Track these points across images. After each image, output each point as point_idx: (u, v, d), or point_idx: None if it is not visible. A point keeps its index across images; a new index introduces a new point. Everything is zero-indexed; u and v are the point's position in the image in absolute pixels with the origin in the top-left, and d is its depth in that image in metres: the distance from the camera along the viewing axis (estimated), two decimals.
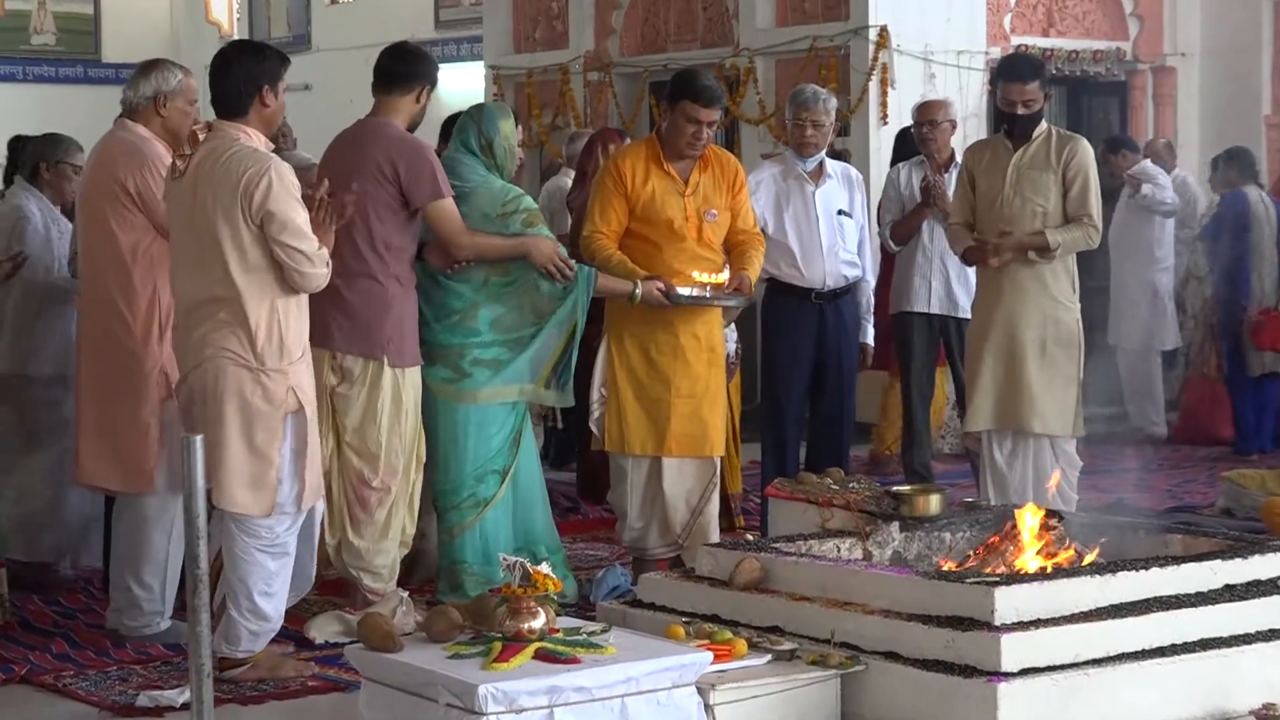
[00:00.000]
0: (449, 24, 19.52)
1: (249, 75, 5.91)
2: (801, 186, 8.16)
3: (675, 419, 7.26)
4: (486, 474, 6.91)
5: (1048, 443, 7.50)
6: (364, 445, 6.64)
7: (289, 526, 5.93)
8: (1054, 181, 7.46)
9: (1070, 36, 13.46)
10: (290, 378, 5.85)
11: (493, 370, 6.88)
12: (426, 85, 6.80)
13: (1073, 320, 7.52)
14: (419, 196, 6.61)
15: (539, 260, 6.79)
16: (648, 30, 14.05)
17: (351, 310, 6.58)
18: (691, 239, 7.24)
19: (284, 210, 5.74)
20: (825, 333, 8.14)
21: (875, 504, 6.43)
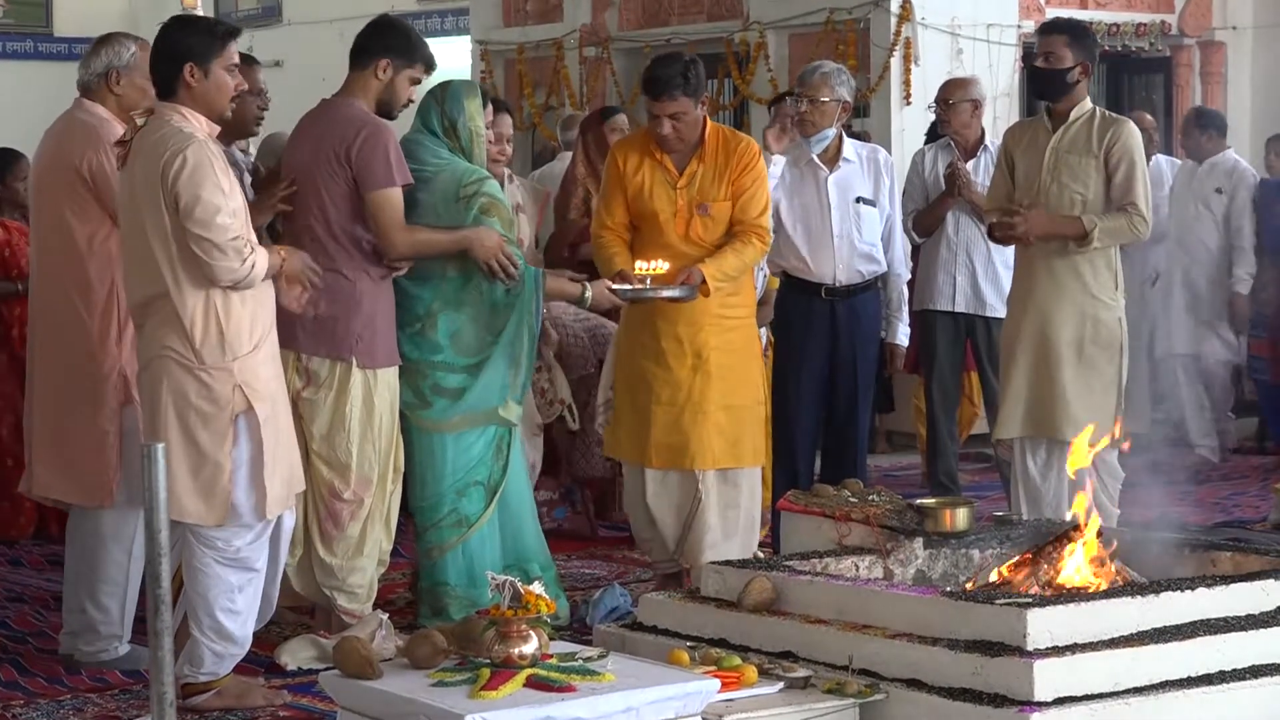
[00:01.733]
0: None
1: (172, 53, 5.93)
2: (814, 172, 8.16)
3: (655, 429, 7.28)
4: (468, 486, 6.91)
5: None
6: (333, 454, 6.63)
7: (251, 540, 5.94)
8: (1095, 167, 7.44)
9: (1111, 9, 13.47)
10: (236, 375, 5.85)
11: (451, 400, 6.89)
12: (388, 59, 6.70)
13: (1114, 319, 7.50)
14: (368, 182, 6.55)
15: (480, 254, 6.71)
16: (649, 2, 14.07)
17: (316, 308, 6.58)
18: (676, 235, 7.23)
19: (191, 194, 5.75)
20: (839, 332, 8.11)
21: (897, 518, 6.44)
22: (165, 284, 5.81)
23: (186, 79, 5.88)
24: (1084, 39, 7.56)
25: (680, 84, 7.16)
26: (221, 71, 5.93)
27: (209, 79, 5.91)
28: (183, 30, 6.00)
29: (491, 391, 6.91)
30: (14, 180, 9.15)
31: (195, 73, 5.88)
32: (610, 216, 7.31)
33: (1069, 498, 7.35)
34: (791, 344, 8.21)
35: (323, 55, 13.74)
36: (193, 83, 5.89)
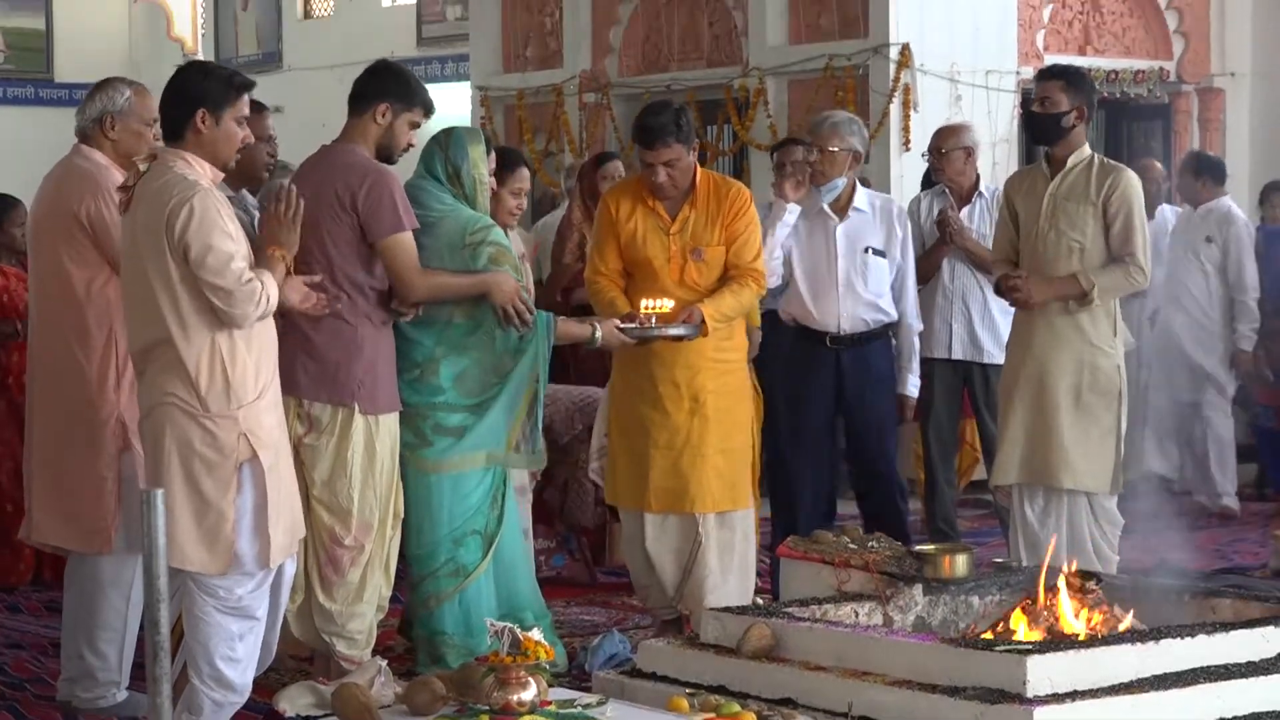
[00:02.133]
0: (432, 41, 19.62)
1: (185, 97, 5.92)
2: (824, 222, 8.20)
3: (654, 472, 7.30)
4: (465, 536, 6.87)
5: (1084, 499, 7.50)
6: (334, 500, 6.62)
7: (253, 588, 5.93)
8: (1092, 215, 7.44)
9: (1109, 55, 13.52)
10: (242, 423, 5.83)
11: (455, 438, 6.86)
12: (387, 104, 6.69)
13: (1112, 367, 7.51)
14: (376, 229, 6.55)
15: (499, 299, 6.72)
16: (649, 48, 14.11)
17: (318, 353, 6.56)
18: (671, 280, 7.27)
19: (201, 244, 5.73)
20: (844, 381, 8.13)
21: (896, 565, 6.44)
22: (168, 330, 5.80)
23: (197, 124, 5.87)
24: (1080, 84, 7.58)
25: (673, 131, 7.21)
26: (232, 122, 5.93)
27: (219, 127, 5.90)
28: (200, 76, 6.00)
29: (495, 432, 6.90)
30: (11, 226, 9.18)
31: (207, 120, 5.88)
32: (604, 263, 7.34)
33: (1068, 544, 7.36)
34: (793, 391, 8.22)
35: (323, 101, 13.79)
36: (203, 129, 5.88)
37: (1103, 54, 13.48)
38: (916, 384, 8.46)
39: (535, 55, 14.90)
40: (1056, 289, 7.43)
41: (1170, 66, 13.75)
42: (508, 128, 14.91)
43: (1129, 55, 13.63)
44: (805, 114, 12.68)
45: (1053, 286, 7.44)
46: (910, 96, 12.29)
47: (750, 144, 13.10)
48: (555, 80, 14.50)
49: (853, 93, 12.48)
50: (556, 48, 14.70)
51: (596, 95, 14.23)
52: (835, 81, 12.60)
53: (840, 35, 12.73)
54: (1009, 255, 7.66)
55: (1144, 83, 13.54)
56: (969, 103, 12.50)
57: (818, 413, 8.16)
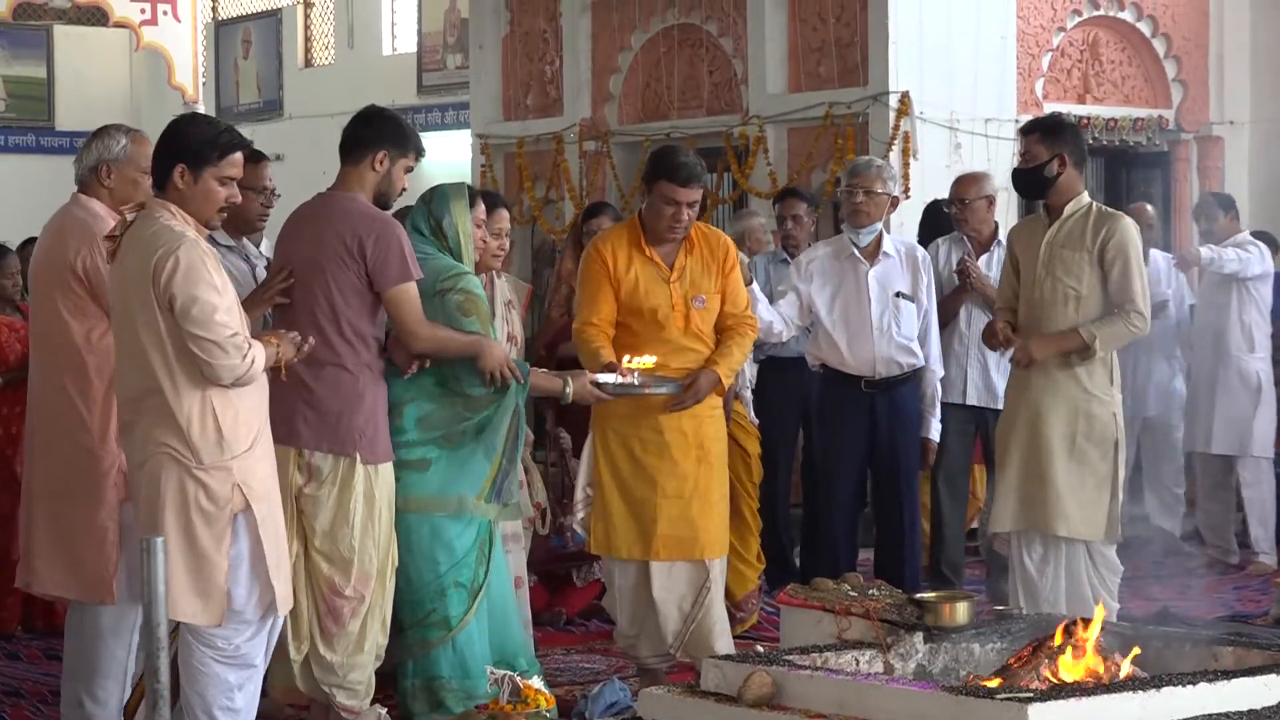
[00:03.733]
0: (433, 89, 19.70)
1: (169, 149, 5.90)
2: (855, 266, 8.26)
3: (663, 521, 7.30)
4: (449, 588, 6.81)
5: (1082, 547, 7.49)
6: (335, 550, 6.58)
7: (250, 636, 5.92)
8: (1089, 262, 7.45)
9: (1108, 103, 13.57)
10: (236, 474, 5.83)
11: (420, 472, 6.78)
12: (383, 151, 6.67)
13: (1108, 415, 7.51)
14: (385, 278, 6.53)
15: (487, 366, 6.70)
16: (649, 96, 14.16)
17: (319, 402, 6.53)
18: (676, 329, 7.29)
19: (186, 295, 5.72)
20: (878, 426, 8.21)
21: (897, 612, 6.43)
22: (158, 381, 5.79)
23: (175, 179, 5.85)
24: (1057, 132, 7.59)
25: (701, 172, 7.27)
26: (212, 181, 5.86)
27: (197, 185, 5.86)
28: (187, 129, 5.96)
29: (466, 476, 6.81)
30: (1, 276, 9.20)
31: (186, 175, 5.84)
32: (596, 312, 7.32)
33: (1068, 592, 7.36)
34: (829, 437, 8.29)
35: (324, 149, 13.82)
36: (180, 185, 5.86)
37: (1102, 102, 13.53)
38: (938, 428, 8.51)
39: (535, 103, 14.94)
40: (1058, 344, 7.44)
41: (1169, 115, 13.80)
42: (508, 176, 14.94)
43: (1128, 103, 13.68)
44: (805, 162, 12.75)
45: (1053, 342, 7.45)
46: (910, 145, 12.32)
47: (750, 191, 13.13)
48: (555, 128, 14.54)
49: (852, 140, 12.52)
50: (557, 96, 14.74)
51: (596, 143, 14.27)
52: (835, 129, 12.64)
53: (840, 83, 12.77)
54: (1011, 303, 7.69)
55: (1143, 131, 13.58)
56: (969, 151, 12.54)
57: (852, 457, 8.24)
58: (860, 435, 8.20)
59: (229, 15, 22.42)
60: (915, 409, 8.36)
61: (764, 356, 9.81)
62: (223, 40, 22.21)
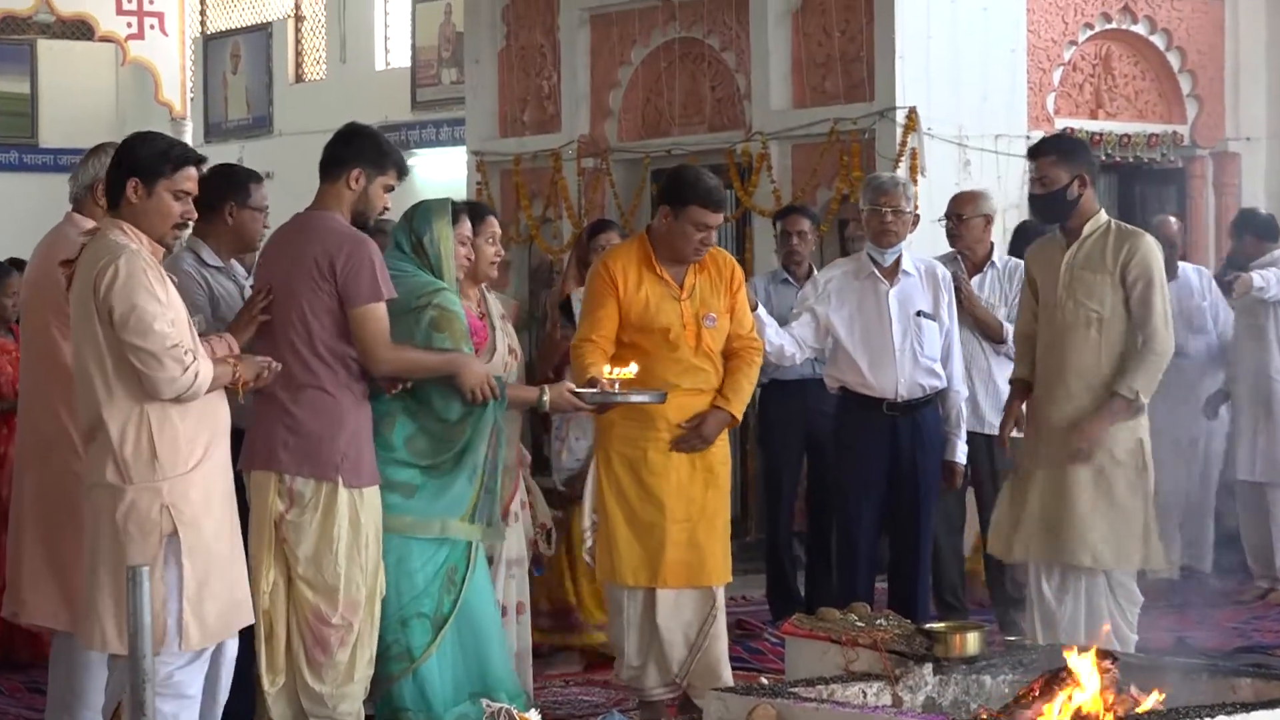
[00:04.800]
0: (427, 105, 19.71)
1: (120, 166, 5.93)
2: (875, 286, 8.27)
3: (670, 547, 7.31)
4: (411, 618, 6.78)
5: (1102, 576, 7.48)
6: (320, 578, 6.55)
7: (184, 665, 5.87)
8: (1110, 284, 7.43)
9: (1122, 119, 13.56)
10: (165, 495, 5.81)
11: (404, 496, 6.78)
12: (360, 169, 6.66)
13: (1134, 439, 7.48)
14: (352, 297, 6.52)
15: (467, 382, 6.69)
16: (649, 112, 14.16)
17: (299, 426, 6.52)
18: (688, 348, 7.33)
19: (125, 303, 5.72)
20: (900, 449, 8.22)
21: (905, 643, 6.42)
22: (98, 400, 5.78)
23: (129, 194, 5.86)
24: (1073, 152, 7.59)
25: (725, 195, 7.36)
26: (166, 195, 5.88)
27: (150, 199, 5.87)
28: (139, 144, 5.98)
29: (450, 499, 6.82)
30: (2, 296, 9.17)
31: (139, 190, 5.85)
32: (597, 329, 7.34)
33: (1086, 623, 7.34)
34: (850, 461, 8.29)
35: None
36: (134, 199, 5.86)
37: (1115, 117, 13.52)
38: (964, 450, 8.50)
39: (533, 119, 14.94)
40: (1109, 420, 7.39)
41: (1184, 130, 13.79)
42: (504, 194, 14.94)
43: (1142, 119, 13.67)
44: (809, 179, 12.73)
45: (1103, 419, 7.39)
46: (917, 161, 12.31)
47: (753, 210, 13.11)
48: (553, 145, 14.54)
49: (858, 157, 12.50)
50: (554, 112, 14.74)
51: (595, 160, 14.26)
52: (840, 146, 12.63)
53: (845, 99, 12.75)
54: (1031, 328, 7.66)
55: (1157, 147, 13.57)
56: (978, 168, 12.53)
57: (874, 481, 8.25)
58: (882, 459, 8.21)
59: (218, 29, 22.44)
60: (938, 431, 8.38)
61: (767, 379, 9.81)
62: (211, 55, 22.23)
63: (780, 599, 9.80)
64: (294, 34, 21.65)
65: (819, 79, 12.97)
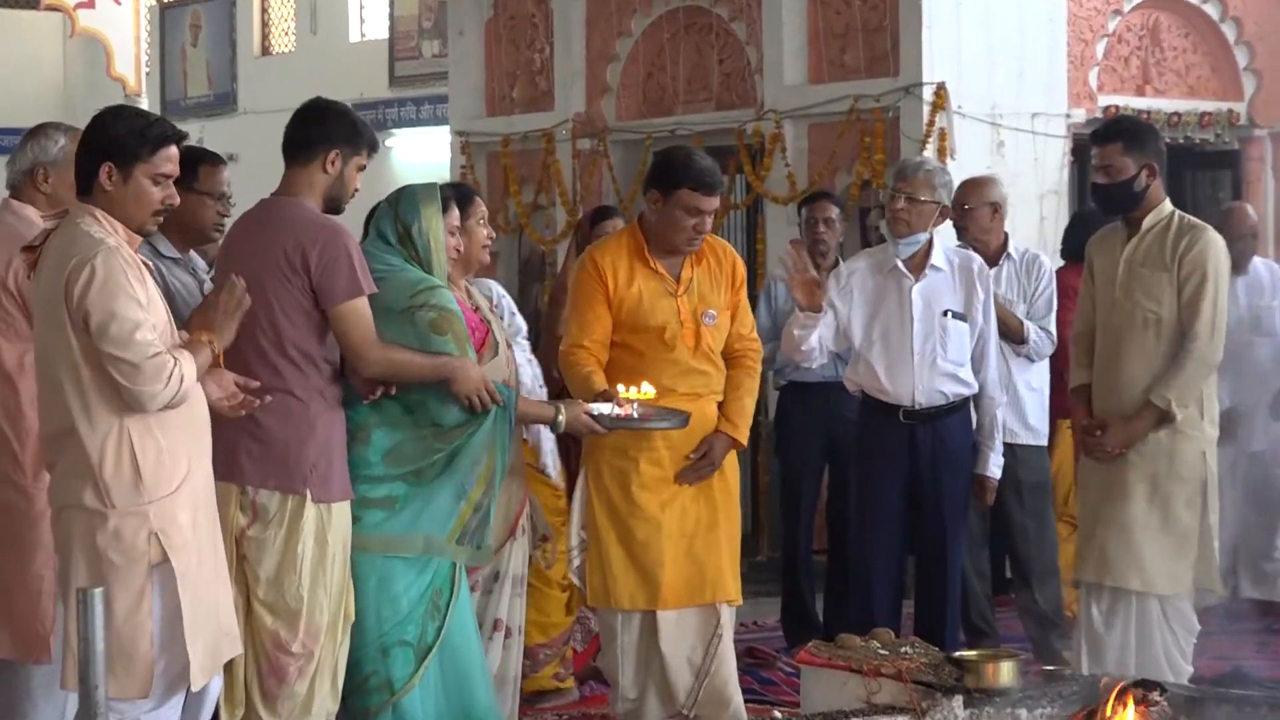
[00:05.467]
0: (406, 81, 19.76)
1: (94, 147, 5.86)
2: (898, 281, 8.26)
3: (669, 565, 7.33)
4: (393, 646, 6.77)
5: (1155, 601, 7.48)
6: (280, 600, 6.51)
7: (152, 708, 5.80)
8: (1169, 281, 7.44)
9: (1171, 96, 13.57)
10: (153, 520, 5.77)
11: (386, 511, 6.75)
12: (335, 150, 6.64)
13: (1196, 453, 7.48)
14: (331, 294, 6.50)
15: (462, 390, 6.68)
16: (651, 88, 14.18)
17: (265, 434, 6.49)
18: (685, 348, 7.33)
19: (103, 310, 5.66)
20: (919, 461, 8.20)
21: (933, 673, 6.44)
22: (72, 414, 5.73)
23: (102, 180, 5.80)
24: (1142, 138, 7.59)
25: (723, 177, 7.35)
26: (145, 180, 5.82)
27: (127, 185, 5.81)
28: (112, 123, 5.89)
29: (439, 515, 6.80)
30: None
31: (114, 175, 5.79)
32: (588, 333, 7.34)
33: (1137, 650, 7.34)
34: (868, 473, 8.29)
35: None
36: (108, 186, 5.81)
37: (1164, 95, 13.52)
38: (999, 464, 8.48)
39: (522, 96, 14.96)
40: (1138, 428, 7.43)
41: (1240, 108, 13.80)
42: (491, 178, 14.95)
43: (1194, 96, 13.68)
44: (827, 162, 12.73)
45: (1131, 427, 7.44)
46: (946, 143, 12.31)
47: (766, 196, 13.11)
48: (545, 124, 14.55)
49: (881, 138, 12.51)
50: (546, 88, 14.76)
51: (592, 141, 14.27)
52: (861, 125, 12.63)
53: (867, 73, 12.76)
54: (1092, 327, 7.66)
55: (1211, 127, 13.58)
56: (1013, 149, 12.54)
57: (890, 494, 8.25)
58: (900, 471, 8.20)
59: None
60: (964, 443, 8.32)
61: (785, 381, 9.80)
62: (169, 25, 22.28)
63: (796, 624, 9.81)
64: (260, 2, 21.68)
65: (838, 51, 12.98)
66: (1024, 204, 12.11)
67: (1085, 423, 7.56)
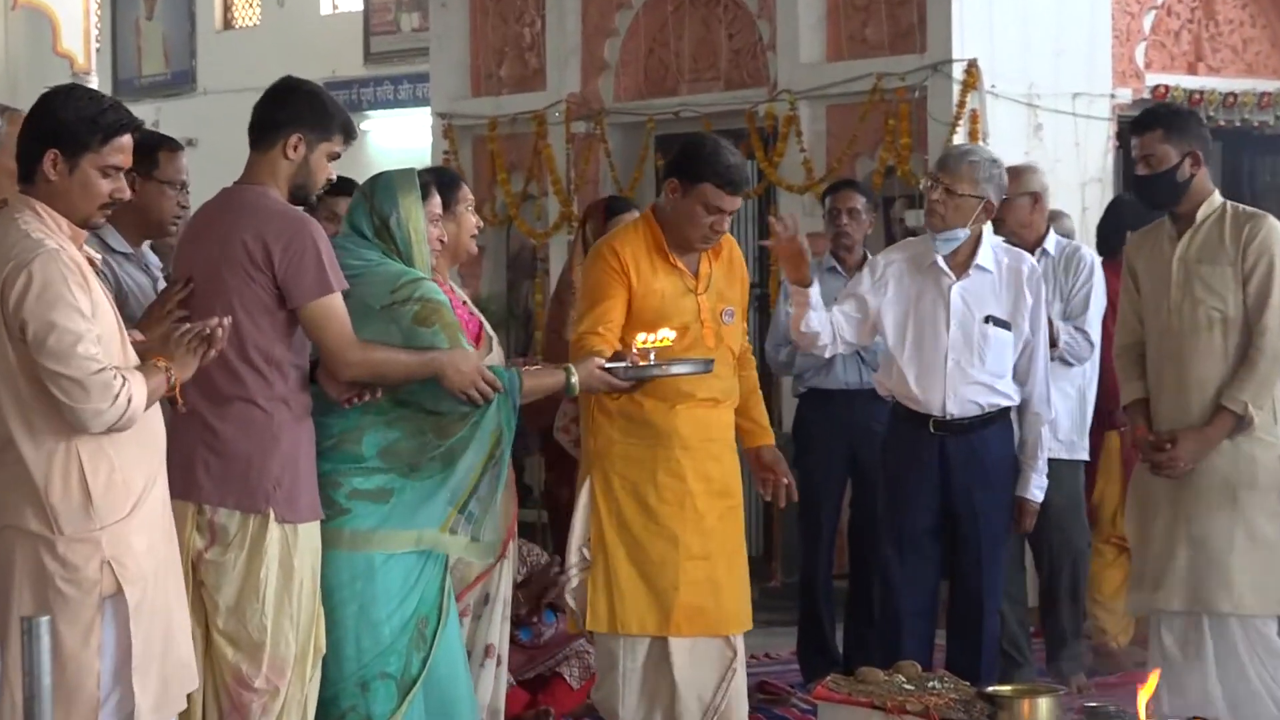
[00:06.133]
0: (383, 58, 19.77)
1: (38, 132, 5.81)
2: (936, 280, 8.25)
3: (685, 587, 7.35)
4: (373, 679, 6.76)
5: (1236, 624, 7.48)
6: (242, 630, 6.49)
7: None
8: (1233, 275, 7.46)
9: (1226, 74, 13.58)
10: (105, 548, 5.74)
11: (378, 503, 6.75)
12: (298, 133, 6.61)
13: (1273, 458, 7.50)
14: (299, 292, 6.48)
15: (456, 384, 6.66)
16: (653, 66, 14.19)
17: (223, 446, 6.48)
18: (706, 347, 7.40)
19: (41, 321, 5.62)
20: (951, 478, 8.20)
21: (963, 710, 6.45)
22: (9, 429, 5.70)
23: (46, 169, 5.75)
24: (1184, 125, 7.62)
25: (748, 175, 7.40)
26: (93, 172, 5.76)
27: (73, 176, 5.76)
28: (60, 107, 5.83)
29: (432, 506, 6.80)
30: None
31: (59, 164, 5.74)
32: (604, 321, 7.38)
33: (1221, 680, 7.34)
34: (896, 487, 8.31)
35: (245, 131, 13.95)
36: (52, 176, 5.76)
37: (1218, 73, 13.53)
38: (1042, 486, 8.46)
39: (511, 75, 14.98)
40: (1213, 436, 7.43)
41: None
42: (477, 164, 14.96)
43: (1251, 74, 13.69)
44: (847, 147, 12.74)
45: (1206, 436, 7.44)
46: (978, 126, 12.32)
47: (779, 184, 13.11)
48: (536, 106, 14.57)
49: (906, 120, 12.52)
50: (538, 66, 14.77)
51: (588, 124, 14.29)
52: (885, 106, 12.63)
53: (891, 50, 12.76)
54: (1135, 336, 7.67)
55: (1270, 108, 13.60)
56: (1051, 133, 12.54)
57: (921, 511, 8.26)
58: (931, 486, 8.21)
59: None
60: (1003, 458, 8.30)
61: (805, 388, 9.81)
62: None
63: (813, 656, 9.82)
64: None
65: (859, 25, 13.00)
66: (1064, 193, 12.12)
67: (1151, 438, 7.55)
